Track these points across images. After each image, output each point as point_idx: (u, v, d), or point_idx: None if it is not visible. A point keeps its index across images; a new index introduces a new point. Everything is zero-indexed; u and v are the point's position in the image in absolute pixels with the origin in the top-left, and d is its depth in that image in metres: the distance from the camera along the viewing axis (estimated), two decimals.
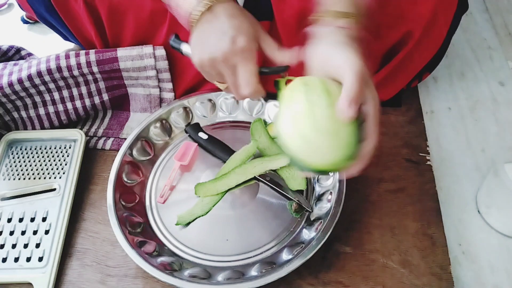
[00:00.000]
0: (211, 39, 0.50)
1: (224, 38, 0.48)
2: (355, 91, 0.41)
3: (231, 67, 0.50)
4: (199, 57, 0.51)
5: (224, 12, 0.50)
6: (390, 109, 0.73)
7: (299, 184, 0.61)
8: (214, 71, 0.51)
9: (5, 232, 0.59)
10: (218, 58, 0.49)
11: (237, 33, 0.49)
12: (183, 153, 0.64)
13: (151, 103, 0.72)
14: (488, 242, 0.59)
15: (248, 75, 0.49)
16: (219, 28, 0.49)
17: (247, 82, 0.50)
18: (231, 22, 0.49)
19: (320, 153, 0.42)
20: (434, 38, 0.66)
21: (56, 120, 0.71)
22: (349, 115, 0.41)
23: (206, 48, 0.50)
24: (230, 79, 0.51)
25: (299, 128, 0.42)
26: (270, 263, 0.53)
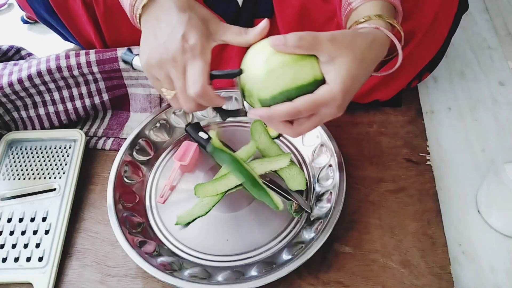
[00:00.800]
0: (159, 38, 0.46)
1: (173, 35, 0.45)
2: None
3: (180, 69, 0.45)
4: (147, 57, 0.47)
5: (170, 5, 0.47)
6: (390, 109, 0.73)
7: (299, 184, 0.61)
8: (162, 74, 0.47)
9: (5, 232, 0.59)
10: (167, 58, 0.45)
11: (187, 30, 0.45)
12: (183, 153, 0.64)
13: (151, 103, 0.72)
14: (488, 242, 0.59)
15: (195, 73, 0.45)
16: (167, 25, 0.46)
17: (194, 81, 0.45)
18: (180, 17, 0.46)
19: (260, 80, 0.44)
20: (435, 38, 0.66)
21: (56, 120, 0.71)
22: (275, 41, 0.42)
23: (154, 47, 0.46)
24: (178, 83, 0.46)
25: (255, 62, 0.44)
26: (270, 263, 0.53)
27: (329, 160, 0.62)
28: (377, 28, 0.46)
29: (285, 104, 0.43)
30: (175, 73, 0.46)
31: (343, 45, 0.42)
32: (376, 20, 0.47)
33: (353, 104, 0.70)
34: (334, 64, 0.43)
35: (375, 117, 0.72)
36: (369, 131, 0.70)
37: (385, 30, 0.46)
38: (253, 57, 0.45)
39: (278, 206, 0.57)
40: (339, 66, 0.43)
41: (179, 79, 0.46)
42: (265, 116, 0.44)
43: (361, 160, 0.66)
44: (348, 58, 0.42)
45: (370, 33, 0.45)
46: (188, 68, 0.45)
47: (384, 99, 0.71)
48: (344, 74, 0.42)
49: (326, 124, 0.64)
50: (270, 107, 0.44)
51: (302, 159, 0.65)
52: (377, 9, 0.47)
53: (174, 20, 0.46)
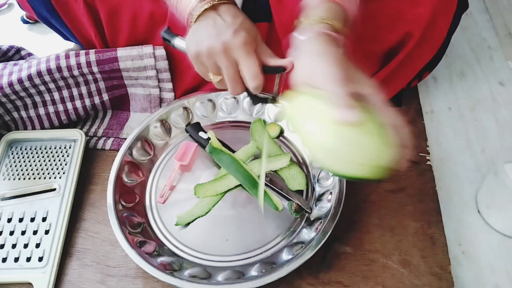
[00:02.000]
0: (212, 31, 0.50)
1: (227, 30, 0.49)
2: (339, 96, 0.42)
3: (230, 60, 0.50)
4: (197, 46, 0.51)
5: (227, 11, 0.51)
6: None
7: (299, 184, 0.61)
8: (210, 62, 0.51)
9: (5, 232, 0.59)
10: (219, 49, 0.49)
11: (239, 28, 0.50)
12: (183, 153, 0.64)
13: (151, 103, 0.72)
14: (488, 242, 0.59)
15: (254, 68, 0.49)
16: (222, 23, 0.50)
17: (255, 75, 0.50)
18: (234, 20, 0.50)
19: (361, 166, 0.43)
20: (434, 37, 0.66)
21: (56, 120, 0.71)
22: (346, 118, 0.41)
23: (206, 38, 0.50)
24: (229, 71, 0.51)
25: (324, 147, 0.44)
26: (270, 263, 0.53)
27: None
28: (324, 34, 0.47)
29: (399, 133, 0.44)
30: (226, 62, 0.50)
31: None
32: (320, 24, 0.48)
33: None
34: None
35: None
36: None
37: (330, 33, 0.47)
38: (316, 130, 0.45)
39: (278, 207, 0.57)
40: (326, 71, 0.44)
41: (229, 68, 0.50)
42: (407, 150, 0.45)
43: None
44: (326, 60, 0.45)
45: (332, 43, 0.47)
46: (243, 62, 0.49)
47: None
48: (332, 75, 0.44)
49: None
50: (399, 138, 0.44)
51: (302, 159, 0.65)
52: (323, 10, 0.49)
53: (229, 20, 0.50)
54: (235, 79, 0.51)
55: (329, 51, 0.45)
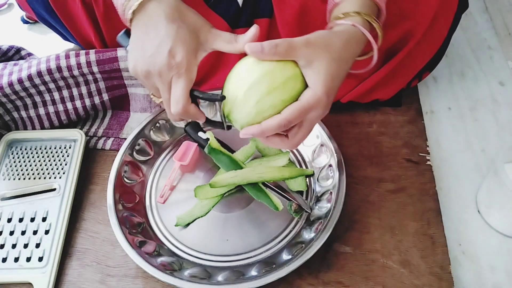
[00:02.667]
0: (147, 49, 0.46)
1: (161, 50, 0.45)
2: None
3: (166, 83, 0.46)
4: (133, 67, 0.48)
5: (159, 13, 0.46)
6: (390, 109, 0.73)
7: (299, 185, 0.61)
8: (149, 84, 0.48)
9: (5, 232, 0.59)
10: (153, 72, 0.46)
11: (174, 44, 0.45)
12: (183, 153, 0.64)
13: (151, 103, 0.72)
14: (488, 242, 0.59)
15: (178, 93, 0.46)
16: (155, 36, 0.46)
17: (177, 100, 0.46)
18: (168, 29, 0.45)
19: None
20: (435, 37, 0.66)
21: (56, 120, 0.71)
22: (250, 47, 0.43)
23: (141, 59, 0.47)
24: (163, 96, 0.48)
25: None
26: (270, 263, 0.53)
27: (329, 160, 0.62)
28: (353, 25, 0.47)
29: (274, 118, 0.44)
30: (161, 86, 0.47)
31: (318, 47, 0.43)
32: (353, 17, 0.47)
33: (353, 104, 0.70)
34: (313, 67, 0.44)
35: (375, 117, 0.72)
36: (369, 131, 0.70)
37: (360, 27, 0.47)
38: (230, 79, 0.46)
39: (277, 207, 0.57)
40: (318, 68, 0.43)
41: (164, 92, 0.47)
42: (257, 133, 0.45)
43: (361, 160, 0.66)
44: (325, 59, 0.43)
45: (345, 31, 0.46)
46: (172, 86, 0.46)
47: (384, 98, 0.71)
48: (323, 75, 0.43)
49: (326, 124, 0.64)
50: (261, 123, 0.44)
51: (302, 159, 0.65)
52: (358, 6, 0.48)
53: (162, 32, 0.45)
54: (169, 103, 0.48)
55: (344, 53, 0.45)
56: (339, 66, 0.45)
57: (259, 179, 0.59)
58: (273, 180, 0.60)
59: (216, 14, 0.70)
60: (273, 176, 0.60)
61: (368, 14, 0.48)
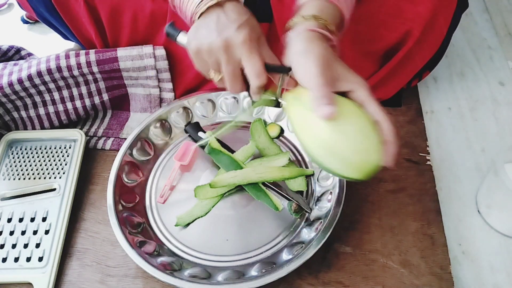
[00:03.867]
0: (214, 27, 0.49)
1: (229, 26, 0.48)
2: (319, 90, 0.43)
3: (232, 57, 0.49)
4: (198, 42, 0.50)
5: (233, 9, 0.50)
6: (390, 109, 0.73)
7: (299, 185, 0.61)
8: (211, 59, 0.50)
9: (5, 232, 0.59)
10: (219, 44, 0.48)
11: (243, 24, 0.49)
12: (183, 153, 0.64)
13: (151, 103, 0.72)
14: (488, 242, 0.59)
15: (258, 66, 0.48)
16: (225, 19, 0.49)
17: (259, 73, 0.48)
18: (238, 16, 0.49)
19: (347, 163, 0.44)
20: (434, 36, 0.66)
21: (56, 120, 0.71)
22: (325, 113, 0.42)
23: (208, 34, 0.49)
24: (228, 69, 0.50)
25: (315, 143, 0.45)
26: (270, 263, 0.53)
27: None
28: (310, 30, 0.47)
29: (391, 143, 0.46)
30: (227, 59, 0.49)
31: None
32: (309, 20, 0.48)
33: None
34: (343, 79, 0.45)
35: None
36: None
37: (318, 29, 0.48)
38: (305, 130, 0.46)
39: (277, 207, 0.57)
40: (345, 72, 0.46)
41: (229, 65, 0.49)
42: (394, 149, 0.46)
43: None
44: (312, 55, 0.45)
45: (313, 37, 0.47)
46: (247, 60, 0.48)
47: (384, 98, 0.71)
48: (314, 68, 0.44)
49: None
50: (387, 142, 0.45)
51: (302, 159, 0.65)
52: (317, 10, 0.49)
53: (233, 17, 0.49)
54: (235, 76, 0.50)
55: (314, 49, 0.45)
56: (332, 61, 0.46)
57: (259, 179, 0.59)
58: (273, 180, 0.60)
59: None
60: (273, 176, 0.60)
61: (324, 19, 0.48)
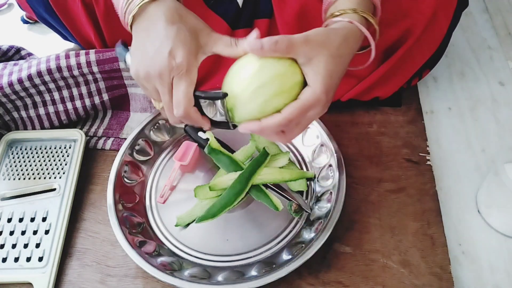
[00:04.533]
0: (147, 51, 0.46)
1: (161, 51, 0.45)
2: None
3: (167, 85, 0.46)
4: (135, 69, 0.47)
5: (159, 16, 0.46)
6: (390, 109, 0.73)
7: (299, 185, 0.61)
8: (149, 86, 0.48)
9: (5, 232, 0.59)
10: (153, 74, 0.45)
11: (174, 45, 0.45)
12: (183, 153, 0.64)
13: (151, 103, 0.72)
14: (488, 242, 0.59)
15: (179, 95, 0.45)
16: (155, 38, 0.45)
17: (178, 102, 0.46)
18: (168, 31, 0.45)
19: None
20: (434, 35, 0.66)
21: (56, 120, 0.71)
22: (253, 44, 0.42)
23: (142, 61, 0.46)
24: (164, 98, 0.47)
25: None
26: (270, 263, 0.53)
27: (329, 160, 0.62)
28: (350, 22, 0.47)
29: (274, 117, 0.44)
30: (162, 88, 0.46)
31: (317, 45, 0.43)
32: (350, 14, 0.47)
33: (353, 103, 0.70)
34: (312, 64, 0.44)
35: (375, 117, 0.72)
36: (369, 131, 0.70)
37: (358, 24, 0.47)
38: (234, 75, 0.46)
39: (277, 207, 0.57)
40: (317, 65, 0.43)
41: (165, 94, 0.47)
42: (256, 130, 0.45)
43: (361, 160, 0.66)
44: (324, 56, 0.43)
45: (343, 28, 0.46)
46: (174, 89, 0.46)
47: (384, 96, 0.71)
48: (323, 73, 0.43)
49: (326, 124, 0.64)
50: (261, 121, 0.45)
51: (302, 159, 0.65)
52: (354, 3, 0.48)
53: (162, 33, 0.45)
54: (169, 106, 0.47)
55: (342, 50, 0.45)
56: (338, 63, 0.45)
57: (259, 181, 0.59)
58: (274, 182, 0.60)
59: (216, 15, 0.70)
60: (274, 178, 0.60)
61: (364, 11, 0.48)
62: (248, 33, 0.46)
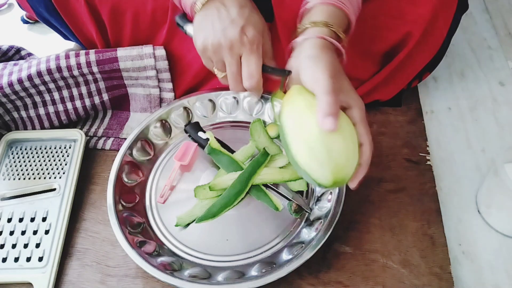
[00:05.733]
0: (218, 25, 0.49)
1: (233, 26, 0.49)
2: (326, 103, 0.42)
3: (235, 57, 0.50)
4: (203, 41, 0.51)
5: (233, 1, 0.50)
6: (390, 109, 0.73)
7: (299, 185, 0.61)
8: (216, 58, 0.51)
9: (5, 232, 0.59)
10: (224, 45, 0.49)
11: (246, 23, 0.49)
12: (183, 153, 0.64)
13: (151, 103, 0.72)
14: (488, 242, 0.59)
15: (253, 67, 0.50)
16: (228, 15, 0.49)
17: (251, 74, 0.50)
18: (241, 11, 0.49)
19: (323, 169, 0.44)
20: (434, 38, 0.66)
21: (56, 120, 0.71)
22: (328, 126, 0.42)
23: (212, 33, 0.50)
24: (231, 69, 0.51)
25: (302, 147, 0.45)
26: (270, 263, 0.53)
27: None
28: (320, 38, 0.47)
29: (367, 151, 0.46)
30: (230, 60, 0.50)
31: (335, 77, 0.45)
32: (321, 28, 0.48)
33: None
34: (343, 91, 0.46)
35: (375, 117, 0.72)
36: None
37: (329, 39, 0.48)
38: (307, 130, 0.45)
39: (277, 207, 0.57)
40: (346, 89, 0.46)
41: (232, 65, 0.50)
42: (363, 173, 0.47)
43: None
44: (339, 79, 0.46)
45: (322, 47, 0.47)
46: (244, 60, 0.50)
47: (384, 99, 0.71)
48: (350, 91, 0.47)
49: None
50: (362, 164, 0.46)
51: None
52: (327, 16, 0.49)
53: (235, 12, 0.49)
54: (236, 76, 0.51)
55: (323, 56, 0.45)
56: (338, 78, 0.46)
57: (259, 181, 0.59)
58: (273, 182, 0.60)
59: None
60: (274, 178, 0.60)
61: (334, 26, 0.48)
62: None
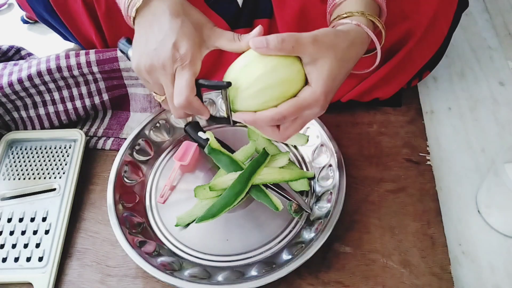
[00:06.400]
0: (151, 44, 0.45)
1: (165, 43, 0.45)
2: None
3: (169, 77, 0.46)
4: (137, 62, 0.47)
5: (163, 9, 0.46)
6: (390, 109, 0.73)
7: (301, 185, 0.61)
8: (152, 80, 0.47)
9: (5, 232, 0.59)
10: (157, 66, 0.45)
11: (179, 37, 0.45)
12: (183, 153, 0.64)
13: (151, 103, 0.72)
14: (488, 242, 0.59)
15: (182, 84, 0.45)
16: (159, 30, 0.45)
17: (180, 91, 0.45)
18: (172, 24, 0.45)
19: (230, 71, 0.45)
20: (435, 36, 0.66)
21: (56, 120, 0.71)
22: (257, 43, 0.43)
23: (145, 53, 0.46)
24: (168, 91, 0.47)
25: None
26: (270, 263, 0.53)
27: (329, 160, 0.62)
28: (357, 25, 0.46)
29: (269, 110, 0.44)
30: (165, 80, 0.46)
31: (325, 46, 0.43)
32: (358, 16, 0.47)
33: (354, 103, 0.70)
34: (316, 65, 0.43)
35: (375, 117, 0.72)
36: (369, 131, 0.70)
37: (365, 28, 0.47)
38: (238, 68, 0.46)
39: (277, 207, 0.57)
40: (321, 67, 0.43)
41: (168, 87, 0.47)
42: (249, 121, 0.45)
43: (361, 160, 0.66)
44: (329, 59, 0.43)
45: (350, 31, 0.46)
46: (176, 78, 0.46)
47: (384, 97, 0.71)
48: (325, 75, 0.43)
49: (326, 124, 0.64)
50: (255, 113, 0.45)
51: (302, 159, 0.65)
52: (360, 5, 0.48)
53: (166, 26, 0.45)
54: (172, 98, 0.47)
55: (348, 53, 0.45)
56: (342, 66, 0.45)
57: (259, 181, 0.59)
58: (274, 182, 0.60)
59: (216, 14, 0.70)
60: (274, 178, 0.60)
61: (371, 14, 0.48)
62: (248, 33, 0.46)
